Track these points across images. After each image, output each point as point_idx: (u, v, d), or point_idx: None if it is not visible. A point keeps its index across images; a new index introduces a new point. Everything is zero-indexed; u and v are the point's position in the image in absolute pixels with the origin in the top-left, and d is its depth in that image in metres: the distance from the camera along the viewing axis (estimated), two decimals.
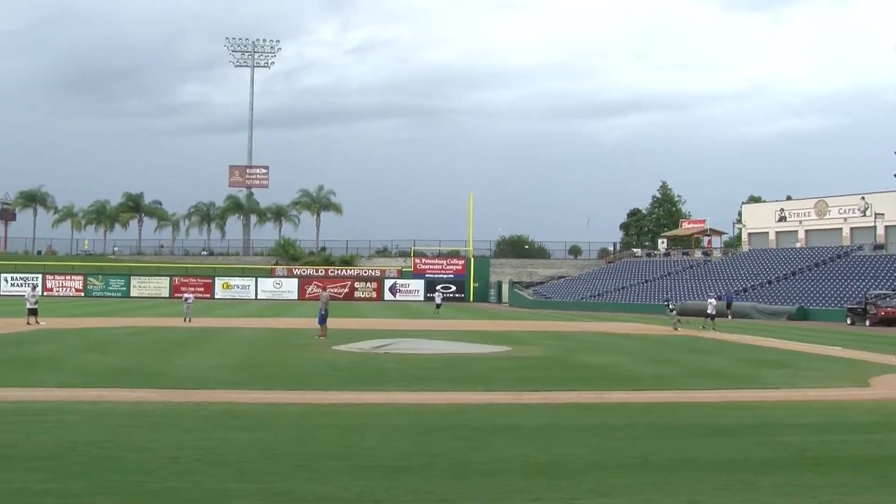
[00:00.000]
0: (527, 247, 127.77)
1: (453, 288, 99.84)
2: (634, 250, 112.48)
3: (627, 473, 12.19)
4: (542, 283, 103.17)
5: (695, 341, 40.01)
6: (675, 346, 37.23)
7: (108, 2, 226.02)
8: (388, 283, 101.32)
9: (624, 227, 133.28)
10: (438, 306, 68.97)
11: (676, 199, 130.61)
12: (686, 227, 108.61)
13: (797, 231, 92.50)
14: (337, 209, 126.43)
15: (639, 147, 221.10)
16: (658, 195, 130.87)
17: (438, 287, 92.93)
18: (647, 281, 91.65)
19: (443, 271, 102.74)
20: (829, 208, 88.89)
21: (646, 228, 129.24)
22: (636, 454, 13.52)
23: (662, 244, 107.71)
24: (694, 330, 46.74)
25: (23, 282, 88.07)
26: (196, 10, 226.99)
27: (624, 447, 14.15)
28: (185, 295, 53.38)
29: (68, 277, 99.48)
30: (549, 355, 31.41)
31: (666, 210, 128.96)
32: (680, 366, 28.37)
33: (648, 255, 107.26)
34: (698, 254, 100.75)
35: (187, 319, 47.94)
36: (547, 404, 19.42)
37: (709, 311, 50.40)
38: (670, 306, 53.92)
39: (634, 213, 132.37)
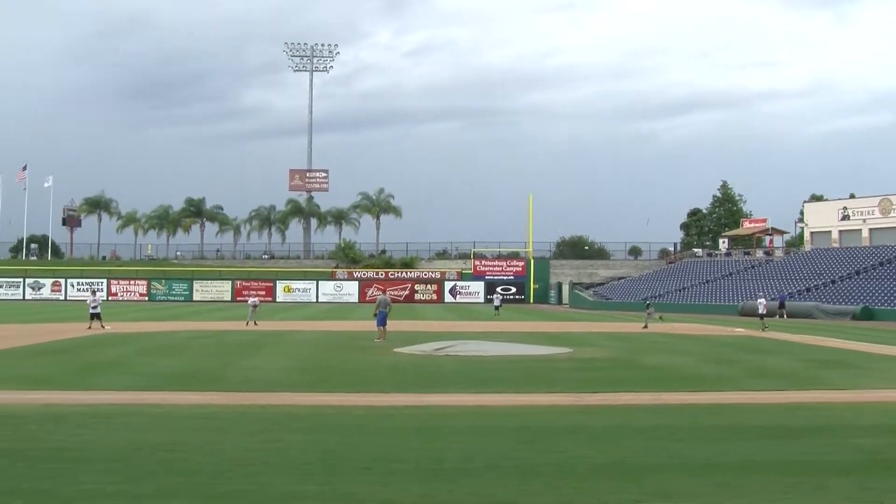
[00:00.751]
0: (587, 248, 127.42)
1: (513, 290, 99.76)
2: (695, 250, 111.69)
3: (692, 476, 12.10)
4: (602, 284, 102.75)
5: (757, 342, 39.62)
6: (736, 346, 36.89)
7: (172, 11, 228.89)
8: (448, 285, 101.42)
9: (684, 227, 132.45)
10: (498, 308, 68.95)
11: (737, 198, 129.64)
12: (747, 227, 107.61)
13: (861, 230, 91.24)
14: (396, 212, 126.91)
15: (699, 146, 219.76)
16: (719, 195, 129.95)
17: (498, 289, 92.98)
18: (708, 281, 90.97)
19: (503, 273, 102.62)
20: (893, 206, 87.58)
21: (706, 228, 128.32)
22: (700, 456, 13.44)
23: (723, 244, 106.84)
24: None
25: (88, 287, 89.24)
26: (256, 16, 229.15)
27: (688, 449, 14.06)
28: (251, 299, 53.78)
29: (132, 282, 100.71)
30: (610, 356, 31.27)
31: (727, 209, 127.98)
32: (742, 366, 28.09)
33: (709, 255, 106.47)
34: (760, 253, 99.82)
35: (251, 323, 48.29)
36: (609, 406, 19.33)
37: (759, 312, 49.97)
38: (647, 303, 55.36)
39: (695, 213, 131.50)
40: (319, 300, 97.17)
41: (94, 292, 53.97)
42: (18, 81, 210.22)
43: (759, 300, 52.26)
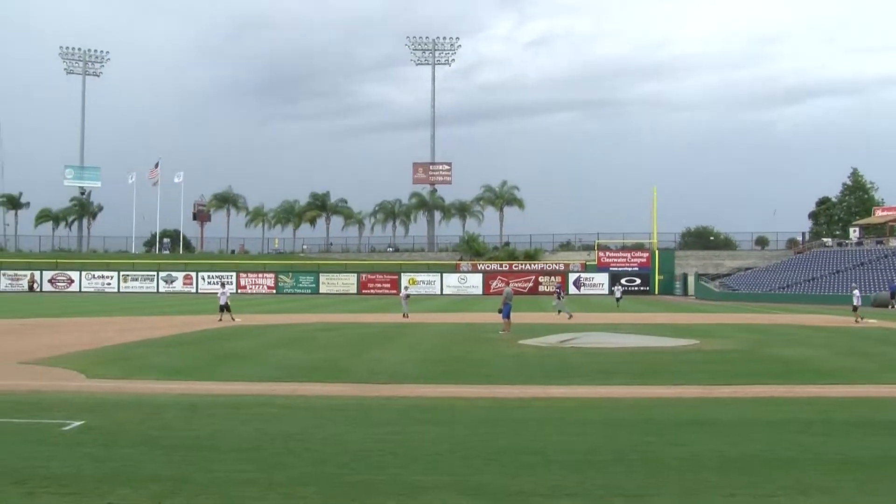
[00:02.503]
0: (712, 238, 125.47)
1: (638, 281, 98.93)
2: (824, 240, 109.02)
3: (826, 471, 11.85)
4: (728, 274, 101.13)
5: (892, 334, 38.56)
6: (870, 338, 35.95)
7: (295, 8, 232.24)
8: (572, 276, 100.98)
9: (813, 216, 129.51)
10: (619, 300, 68.42)
11: (869, 186, 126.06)
12: (880, 215, 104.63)
13: None
14: (520, 204, 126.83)
15: (827, 133, 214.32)
16: (849, 182, 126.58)
17: (622, 280, 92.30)
18: (838, 271, 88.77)
19: (627, 264, 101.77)
20: None
21: (836, 217, 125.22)
22: (835, 451, 13.15)
23: (854, 233, 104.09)
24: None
25: (218, 280, 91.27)
26: (376, 12, 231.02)
27: (821, 443, 13.76)
28: (403, 291, 54.35)
29: (260, 275, 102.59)
30: (738, 348, 30.77)
31: (857, 198, 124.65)
32: (877, 359, 27.37)
33: (840, 244, 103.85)
34: (893, 242, 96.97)
35: (406, 315, 48.96)
36: (738, 398, 19.03)
37: (854, 303, 48.61)
38: (559, 295, 54.79)
39: (823, 202, 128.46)
40: (444, 292, 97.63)
41: (223, 285, 55.17)
42: (150, 81, 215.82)
43: (853, 291, 50.82)
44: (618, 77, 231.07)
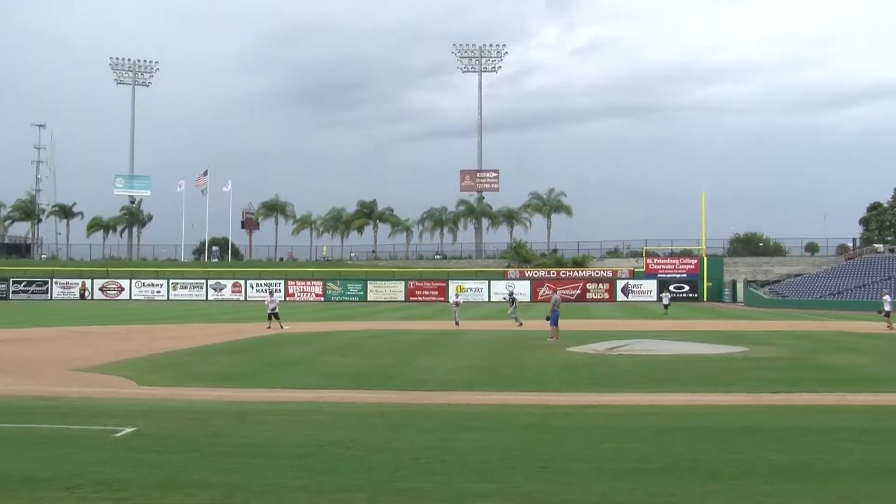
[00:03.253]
0: (761, 244, 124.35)
1: (686, 288, 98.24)
2: (876, 246, 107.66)
3: (882, 480, 11.69)
4: (777, 281, 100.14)
5: None
6: None
7: (341, 17, 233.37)
8: (620, 283, 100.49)
9: (864, 221, 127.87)
10: (667, 307, 68.00)
11: None
12: None
13: None
14: (568, 211, 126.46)
15: (879, 137, 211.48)
16: None
17: (670, 287, 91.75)
18: (890, 278, 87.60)
19: (675, 271, 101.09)
20: None
21: (888, 223, 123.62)
22: (890, 460, 12.98)
23: None
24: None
25: (266, 288, 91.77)
26: (423, 19, 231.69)
27: (876, 452, 13.58)
28: (455, 299, 54.36)
29: (308, 283, 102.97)
30: (788, 356, 30.48)
31: None
32: None
33: (891, 250, 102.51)
34: None
35: (456, 322, 48.90)
36: (789, 406, 18.83)
37: (886, 309, 47.87)
38: (512, 301, 52.95)
39: (875, 207, 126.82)
40: (491, 300, 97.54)
41: (271, 293, 55.47)
42: (199, 88, 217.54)
43: (884, 297, 50.07)
44: (666, 82, 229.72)
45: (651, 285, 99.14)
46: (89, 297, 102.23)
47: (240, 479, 11.55)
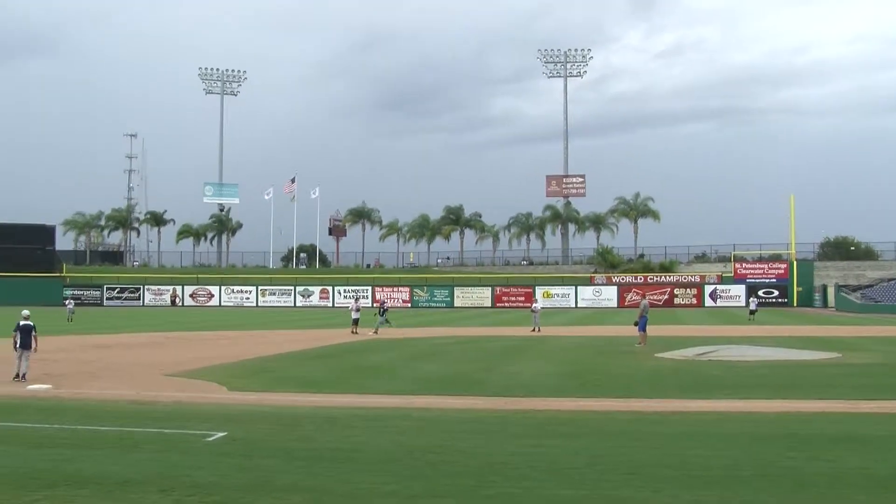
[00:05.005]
0: (852, 248, 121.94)
1: (776, 293, 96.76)
2: None
3: None
4: (870, 286, 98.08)
5: None
6: None
7: (423, 22, 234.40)
8: (708, 288, 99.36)
9: None
10: (753, 312, 66.95)
11: None
12: None
13: None
14: (655, 215, 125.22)
15: None
16: None
17: (760, 291, 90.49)
18: None
19: (764, 276, 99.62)
20: None
21: None
22: None
23: None
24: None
25: (353, 294, 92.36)
26: (505, 25, 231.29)
27: None
28: (534, 305, 54.25)
29: (395, 289, 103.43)
30: (883, 362, 29.86)
31: None
32: None
33: None
34: None
35: (536, 329, 48.68)
36: (885, 413, 18.42)
37: None
38: (381, 311, 49.87)
39: None
40: (579, 305, 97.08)
41: (356, 299, 55.76)
42: (285, 98, 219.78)
43: None
44: (752, 85, 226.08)
45: (740, 290, 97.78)
46: (180, 304, 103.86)
47: (329, 484, 11.65)
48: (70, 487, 11.51)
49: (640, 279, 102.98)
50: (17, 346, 23.61)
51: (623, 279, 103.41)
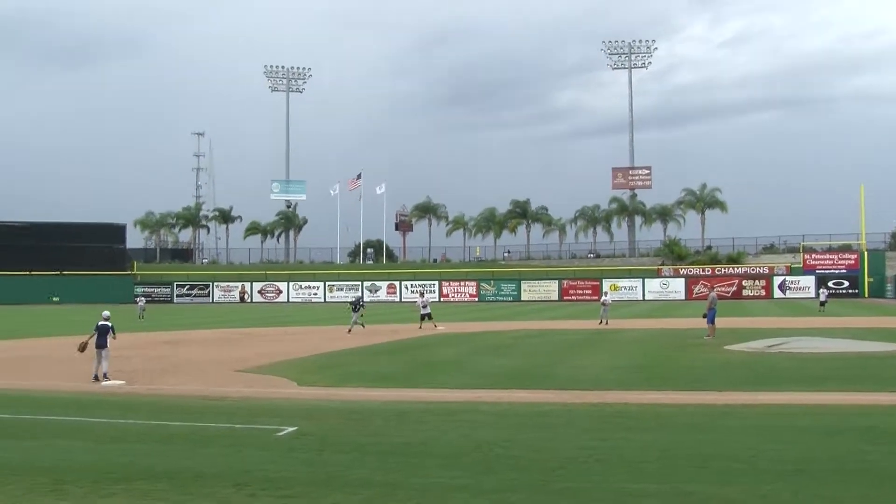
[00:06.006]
0: None
1: (846, 284, 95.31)
2: None
3: None
4: None
5: None
6: None
7: (490, 17, 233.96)
8: (776, 280, 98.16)
9: None
10: (823, 304, 66.02)
11: None
12: None
13: None
14: (722, 206, 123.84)
15: None
16: None
17: (830, 283, 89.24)
18: None
19: (834, 266, 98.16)
20: None
21: None
22: None
23: None
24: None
25: (420, 289, 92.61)
26: (567, 17, 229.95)
27: None
28: (604, 298, 54.03)
29: (462, 283, 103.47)
30: None
31: None
32: None
33: None
34: None
35: (604, 322, 48.41)
36: None
37: None
38: (357, 303, 47.13)
39: None
40: (646, 298, 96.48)
41: (421, 294, 55.84)
42: (350, 94, 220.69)
43: None
44: (819, 72, 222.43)
45: (809, 281, 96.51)
46: (249, 300, 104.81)
47: (400, 478, 11.73)
48: (146, 481, 11.72)
49: (708, 271, 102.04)
50: (95, 345, 23.77)
51: (690, 271, 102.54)
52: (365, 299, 51.93)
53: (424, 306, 47.82)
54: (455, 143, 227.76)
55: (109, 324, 23.89)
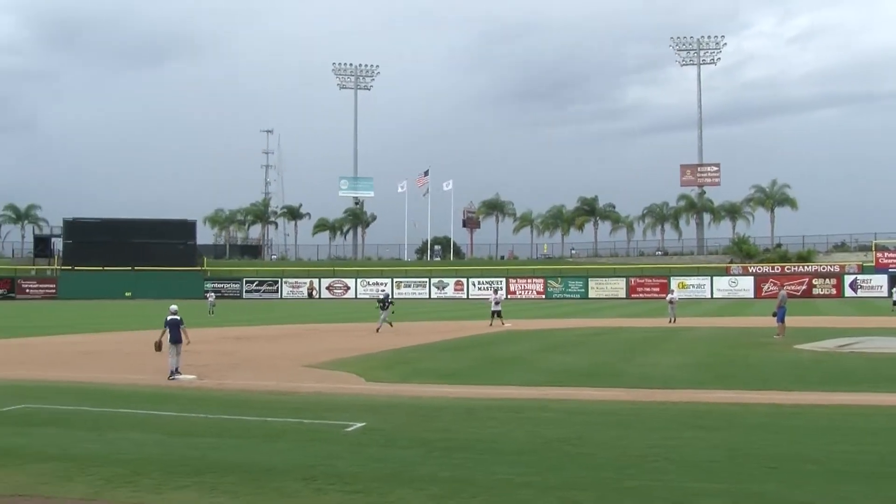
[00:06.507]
0: None
1: None
2: None
3: None
4: None
5: None
6: None
7: (557, 13, 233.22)
8: (847, 279, 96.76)
9: None
10: None
11: None
12: None
13: None
14: (792, 204, 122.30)
15: None
16: None
17: None
18: None
19: None
20: None
21: None
22: None
23: None
24: None
25: (489, 286, 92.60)
26: (634, 14, 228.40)
27: None
28: (670, 296, 53.68)
29: (529, 280, 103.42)
30: None
31: None
32: None
33: None
34: None
35: (672, 320, 48.15)
36: None
37: None
38: (385, 300, 45.04)
39: None
40: (714, 296, 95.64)
41: (495, 291, 55.82)
42: (417, 91, 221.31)
43: None
44: (891, 67, 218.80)
45: (881, 280, 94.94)
46: (317, 296, 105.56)
47: (467, 475, 11.76)
48: (216, 474, 11.88)
49: (778, 269, 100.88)
50: (169, 341, 23.84)
51: (759, 269, 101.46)
52: (393, 296, 49.56)
53: (497, 303, 47.81)
54: (521, 140, 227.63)
55: (178, 317, 23.99)
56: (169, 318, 23.99)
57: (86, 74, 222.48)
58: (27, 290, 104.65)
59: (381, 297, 46.44)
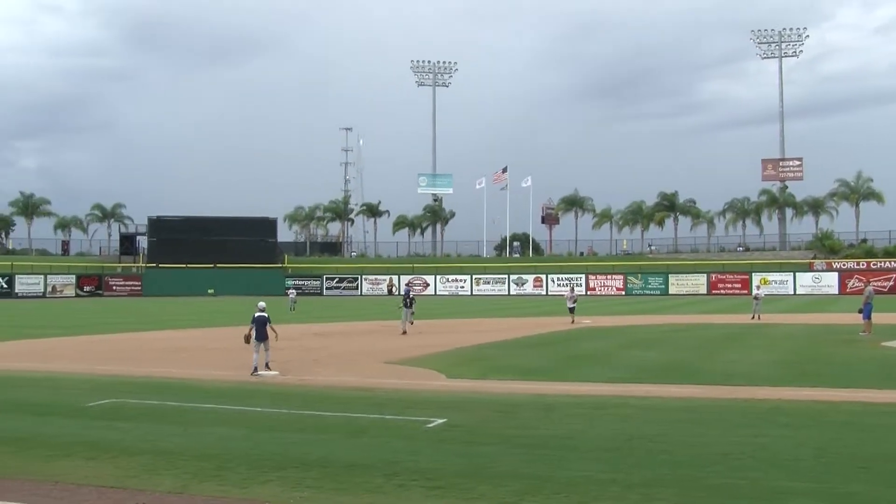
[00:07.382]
0: None
1: None
2: None
3: None
4: None
5: None
6: None
7: (634, 8, 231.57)
8: None
9: None
10: None
11: None
12: None
13: None
14: (879, 198, 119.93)
15: None
16: None
17: None
18: None
19: None
20: None
21: None
22: None
23: None
24: None
25: (567, 282, 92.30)
26: (716, 7, 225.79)
27: None
28: (756, 292, 53.13)
29: (609, 277, 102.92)
30: None
31: None
32: None
33: None
34: None
35: (756, 316, 47.66)
36: None
37: None
38: (407, 296, 42.12)
39: None
40: (797, 292, 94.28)
41: (572, 289, 55.65)
42: (495, 88, 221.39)
43: None
44: None
45: None
46: (396, 294, 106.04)
47: (548, 471, 11.74)
48: (299, 470, 12.00)
49: (863, 265, 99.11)
50: (254, 338, 23.94)
51: (844, 265, 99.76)
52: (414, 292, 45.04)
53: (574, 300, 47.63)
54: (599, 136, 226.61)
55: (266, 315, 24.09)
56: (256, 314, 24.10)
57: (167, 75, 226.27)
58: (114, 287, 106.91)
59: (404, 292, 43.89)
